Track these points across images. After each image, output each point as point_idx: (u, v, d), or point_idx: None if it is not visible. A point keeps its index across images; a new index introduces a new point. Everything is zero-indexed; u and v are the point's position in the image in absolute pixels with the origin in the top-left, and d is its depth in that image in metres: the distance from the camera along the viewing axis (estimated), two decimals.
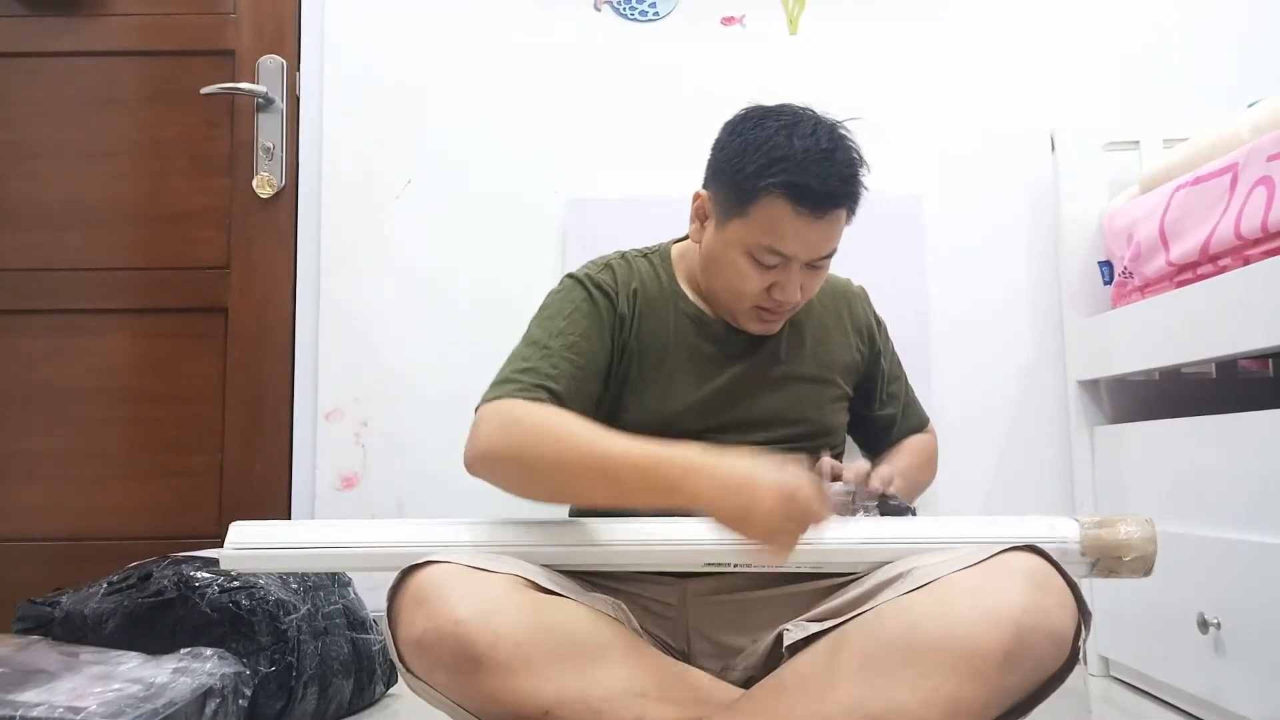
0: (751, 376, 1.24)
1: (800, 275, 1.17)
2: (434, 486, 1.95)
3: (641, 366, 1.22)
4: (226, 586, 1.40)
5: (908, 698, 0.90)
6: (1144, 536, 1.03)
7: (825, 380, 1.29)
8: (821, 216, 1.13)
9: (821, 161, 1.12)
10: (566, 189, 2.01)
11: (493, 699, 0.94)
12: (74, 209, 2.07)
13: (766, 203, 1.13)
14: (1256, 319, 1.27)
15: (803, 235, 1.14)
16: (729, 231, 1.17)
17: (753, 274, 1.17)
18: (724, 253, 1.19)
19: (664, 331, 1.23)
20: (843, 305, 1.35)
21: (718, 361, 1.23)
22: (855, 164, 1.16)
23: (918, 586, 0.95)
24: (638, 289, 1.24)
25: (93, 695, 1.17)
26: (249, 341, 2.05)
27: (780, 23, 2.07)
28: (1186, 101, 1.99)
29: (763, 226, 1.14)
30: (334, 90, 2.08)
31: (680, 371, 1.22)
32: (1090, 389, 1.80)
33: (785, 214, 1.13)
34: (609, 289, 1.22)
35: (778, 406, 1.23)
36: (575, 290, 1.23)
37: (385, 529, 1.11)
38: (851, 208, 1.18)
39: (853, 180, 1.16)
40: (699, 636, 1.13)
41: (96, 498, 2.02)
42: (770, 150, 1.13)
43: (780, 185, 1.12)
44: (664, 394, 1.21)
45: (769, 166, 1.12)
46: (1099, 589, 1.68)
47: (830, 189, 1.12)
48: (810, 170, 1.11)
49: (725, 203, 1.18)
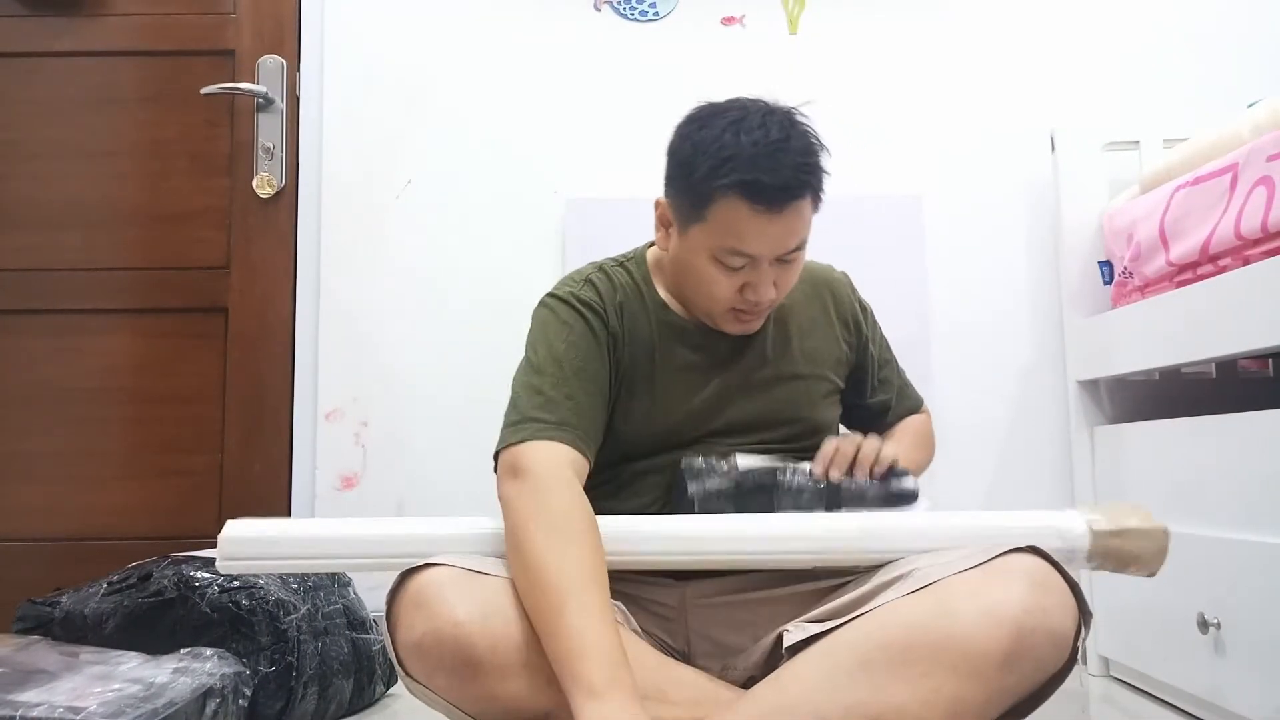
0: (740, 381, 1.23)
1: (772, 272, 1.13)
2: (434, 486, 1.96)
3: (632, 382, 1.21)
4: (226, 586, 1.40)
5: (908, 698, 0.90)
6: (1155, 549, 1.03)
7: (815, 377, 1.27)
8: (781, 210, 1.09)
9: (773, 154, 1.08)
10: (566, 189, 2.01)
11: (492, 702, 0.94)
12: (74, 209, 2.07)
13: (722, 205, 1.09)
14: (1256, 319, 1.27)
15: (764, 233, 1.10)
16: (691, 238, 1.14)
17: (721, 278, 1.13)
18: (690, 259, 1.16)
19: (648, 344, 1.21)
20: (826, 296, 1.32)
21: (704, 370, 1.22)
22: (810, 151, 1.12)
23: (918, 588, 0.95)
24: (622, 302, 1.21)
25: (93, 695, 1.17)
26: (249, 341, 2.05)
27: (780, 23, 2.07)
28: (1186, 101, 1.99)
29: (722, 229, 1.10)
30: (334, 90, 2.08)
31: (669, 384, 1.21)
32: (1090, 389, 1.80)
33: (742, 214, 1.09)
34: (597, 307, 1.19)
35: (769, 408, 1.22)
36: (565, 311, 1.19)
37: (381, 527, 1.10)
38: (815, 196, 1.13)
39: (808, 169, 1.11)
40: (699, 637, 1.13)
41: (96, 498, 2.02)
42: (718, 151, 1.09)
43: (733, 185, 1.08)
44: (656, 408, 1.20)
45: (719, 167, 1.08)
46: (1099, 589, 1.68)
47: (784, 181, 1.08)
48: (761, 165, 1.07)
49: (683, 209, 1.14)
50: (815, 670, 0.95)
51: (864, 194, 1.98)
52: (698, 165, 1.10)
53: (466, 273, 2.02)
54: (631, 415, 1.19)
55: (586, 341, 1.17)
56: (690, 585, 1.13)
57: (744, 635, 1.10)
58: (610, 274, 1.25)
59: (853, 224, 1.93)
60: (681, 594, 1.14)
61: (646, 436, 1.17)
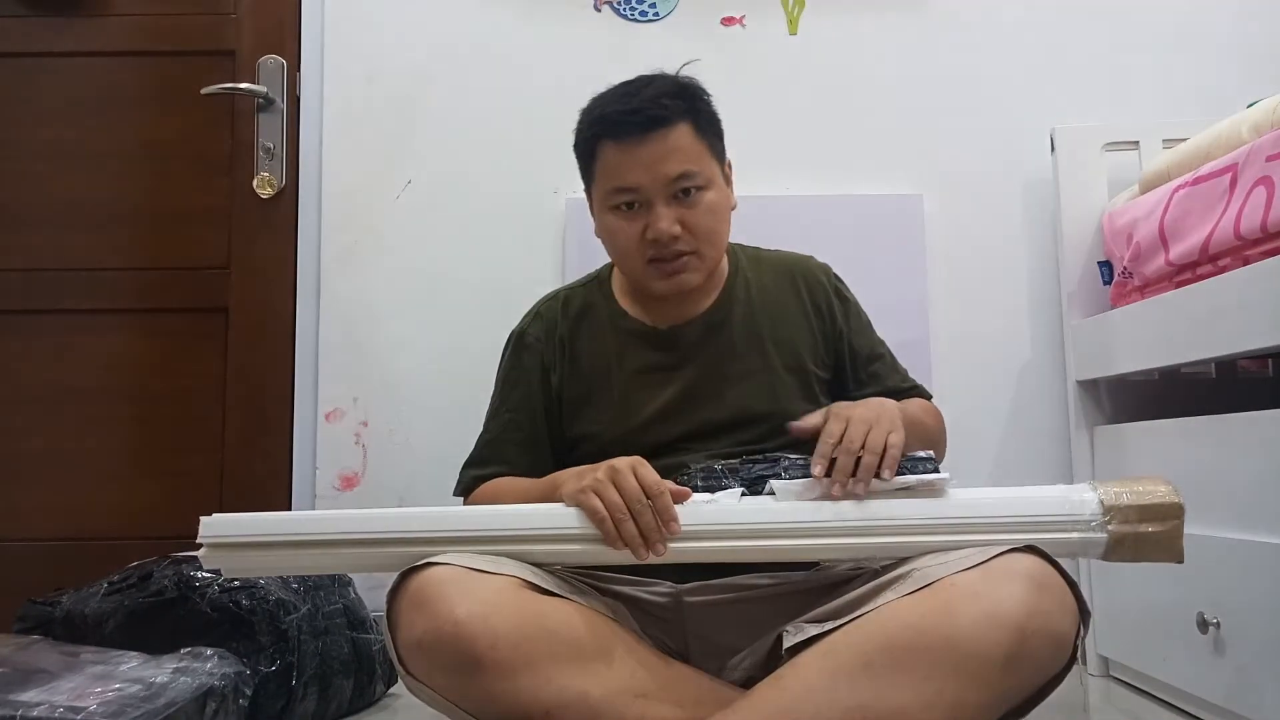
0: (709, 377, 1.23)
1: (670, 212, 1.18)
2: (434, 487, 1.94)
3: (590, 393, 1.24)
4: (227, 586, 1.40)
5: (909, 700, 0.89)
6: (1171, 556, 1.02)
7: (791, 368, 1.26)
8: (644, 136, 1.16)
9: (628, 95, 1.19)
10: (566, 189, 2.01)
11: (492, 700, 0.94)
12: (74, 209, 2.07)
13: (598, 153, 1.20)
14: (1256, 319, 1.27)
15: (635, 160, 1.17)
16: (594, 202, 1.24)
17: (622, 225, 1.20)
18: (601, 224, 1.24)
19: (606, 354, 1.26)
20: (799, 282, 1.33)
21: (668, 369, 1.23)
22: (671, 84, 1.20)
23: (919, 588, 0.95)
24: (571, 324, 1.29)
25: (93, 695, 1.17)
26: (249, 341, 2.05)
27: (780, 23, 2.07)
28: (1186, 101, 1.99)
29: (605, 175, 1.20)
30: (334, 90, 2.08)
31: (631, 388, 1.23)
32: (1090, 389, 1.80)
33: (611, 151, 1.18)
34: (534, 342, 1.30)
35: (742, 404, 1.22)
36: (512, 353, 1.33)
37: (377, 519, 1.10)
38: (694, 123, 1.19)
39: (669, 95, 1.18)
40: (696, 637, 1.13)
41: (96, 498, 2.01)
42: (589, 112, 1.22)
43: (599, 128, 1.19)
44: (619, 413, 1.23)
45: (590, 126, 1.21)
46: (1099, 589, 1.68)
47: (636, 107, 1.17)
48: (616, 103, 1.19)
49: (585, 180, 1.26)
50: (816, 671, 0.95)
51: (864, 194, 1.98)
52: (579, 133, 1.24)
53: (466, 273, 2.02)
54: (597, 423, 1.23)
55: (521, 385, 1.30)
56: (688, 586, 1.13)
57: (742, 636, 1.10)
58: (564, 297, 1.34)
59: (853, 224, 1.93)
60: (678, 594, 1.14)
61: (615, 441, 1.19)
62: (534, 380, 1.29)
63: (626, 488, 1.00)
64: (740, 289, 1.30)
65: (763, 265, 1.35)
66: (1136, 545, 1.00)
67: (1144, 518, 1.00)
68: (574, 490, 1.04)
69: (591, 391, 1.26)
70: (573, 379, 1.27)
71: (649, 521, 1.00)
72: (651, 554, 1.01)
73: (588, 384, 1.26)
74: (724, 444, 1.20)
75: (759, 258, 1.36)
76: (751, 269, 1.34)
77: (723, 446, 1.19)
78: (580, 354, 1.28)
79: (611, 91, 1.23)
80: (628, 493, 1.00)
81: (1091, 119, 1.93)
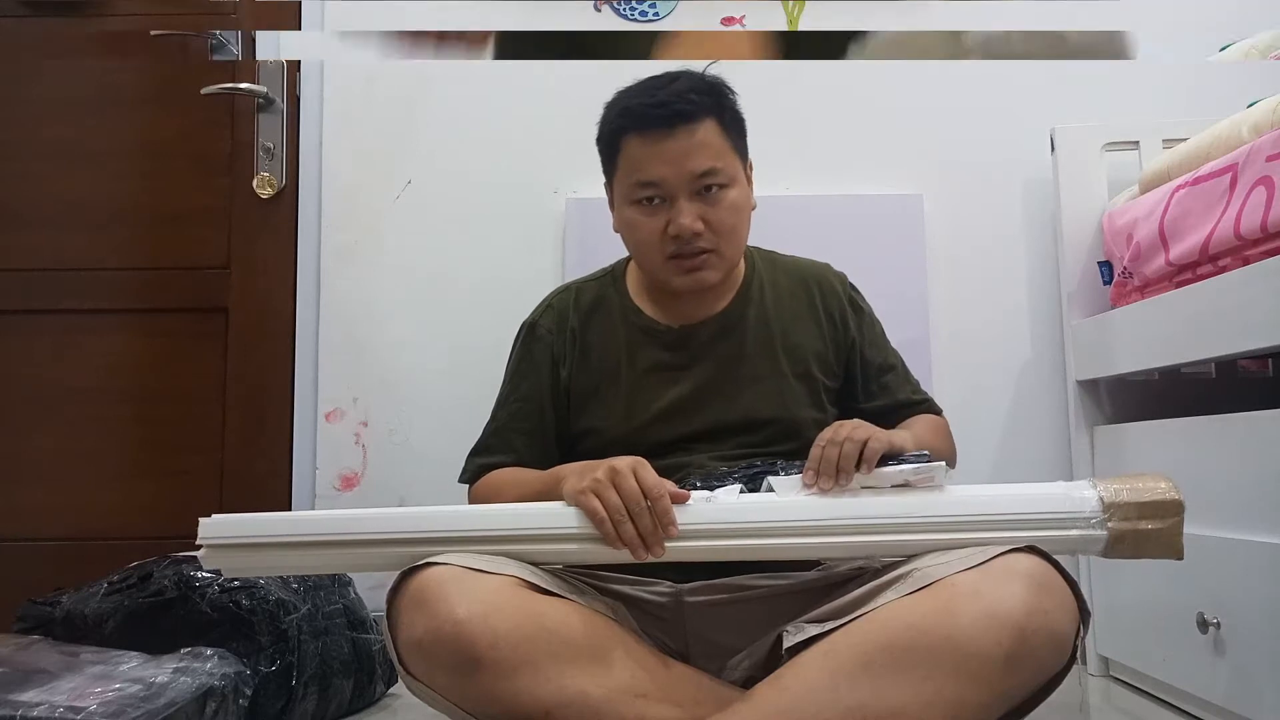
0: (718, 379, 1.23)
1: (693, 207, 1.17)
2: (434, 487, 1.95)
3: (598, 388, 1.24)
4: (227, 586, 1.40)
5: (910, 700, 0.90)
6: (1171, 553, 1.02)
7: (799, 375, 1.26)
8: (670, 130, 1.16)
9: (655, 89, 1.19)
10: (566, 189, 2.01)
11: (493, 700, 0.94)
12: (74, 209, 2.07)
13: (623, 147, 1.20)
14: (1256, 319, 1.27)
15: (660, 155, 1.17)
16: (616, 197, 1.24)
17: (644, 220, 1.20)
18: (621, 218, 1.24)
19: (616, 349, 1.25)
20: (813, 289, 1.33)
21: (678, 368, 1.23)
22: (699, 80, 1.20)
23: (919, 588, 0.95)
24: (583, 317, 1.29)
25: (93, 695, 1.17)
26: (249, 341, 2.05)
27: (780, 23, 2.07)
28: (1186, 101, 1.99)
29: (628, 168, 1.19)
30: (334, 90, 2.08)
31: (640, 385, 1.23)
32: (1090, 389, 1.80)
33: (635, 145, 1.18)
34: (546, 333, 1.29)
35: (749, 408, 1.22)
36: (522, 343, 1.33)
37: (377, 519, 1.10)
38: (720, 120, 1.19)
39: (697, 91, 1.18)
40: (696, 637, 1.13)
41: (96, 498, 2.01)
42: (614, 105, 1.22)
43: (624, 122, 1.19)
44: (625, 409, 1.22)
45: (615, 119, 1.20)
46: (1099, 589, 1.68)
47: (663, 100, 1.16)
48: (644, 99, 1.18)
49: (606, 173, 1.25)
50: (816, 671, 0.95)
51: (864, 194, 1.98)
52: (602, 128, 1.23)
53: (466, 273, 2.02)
54: (604, 418, 1.23)
55: (530, 376, 1.30)
56: (688, 586, 1.14)
57: (741, 636, 1.10)
58: (576, 290, 1.33)
59: (853, 224, 1.93)
60: (678, 594, 1.14)
61: (619, 438, 1.19)
62: (543, 371, 1.29)
63: (626, 489, 1.00)
64: (756, 291, 1.31)
65: (778, 270, 1.35)
66: (1136, 542, 1.00)
67: (1144, 514, 1.00)
68: (574, 490, 1.04)
69: (599, 386, 1.26)
70: (582, 372, 1.27)
71: (647, 524, 1.00)
72: (650, 555, 1.01)
73: (596, 379, 1.26)
74: (728, 446, 1.20)
75: (775, 262, 1.36)
76: (767, 272, 1.34)
77: (727, 449, 1.19)
78: (590, 348, 1.28)
79: (637, 85, 1.22)
80: (627, 494, 1.00)
81: (1091, 119, 1.93)
